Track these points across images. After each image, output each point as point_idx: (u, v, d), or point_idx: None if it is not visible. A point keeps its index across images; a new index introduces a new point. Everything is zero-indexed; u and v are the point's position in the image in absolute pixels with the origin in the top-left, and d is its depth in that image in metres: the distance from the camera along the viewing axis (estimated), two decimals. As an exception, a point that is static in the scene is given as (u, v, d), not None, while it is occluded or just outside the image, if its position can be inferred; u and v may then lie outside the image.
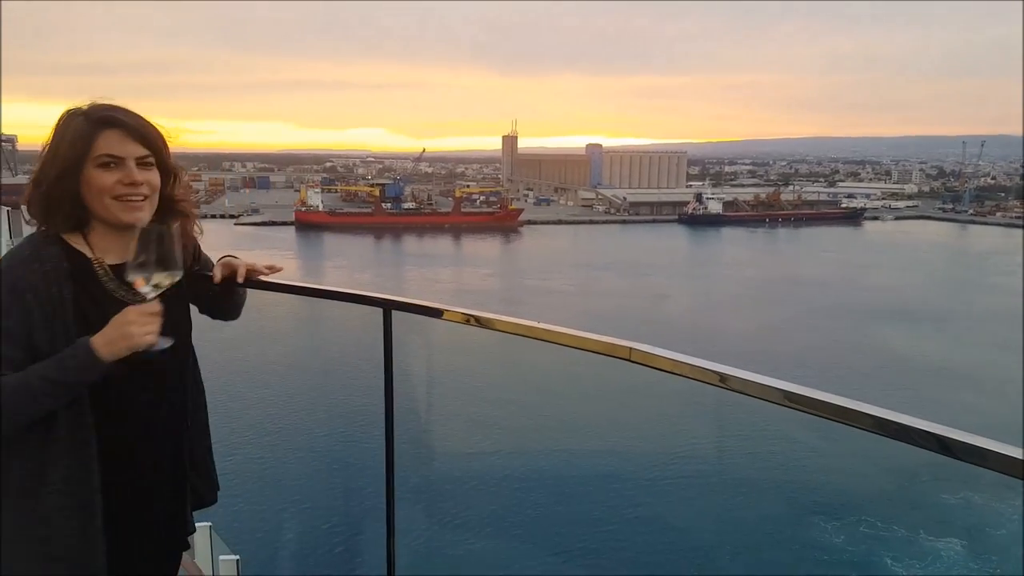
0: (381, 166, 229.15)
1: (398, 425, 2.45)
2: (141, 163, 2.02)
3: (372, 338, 2.53)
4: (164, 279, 1.92)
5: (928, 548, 19.85)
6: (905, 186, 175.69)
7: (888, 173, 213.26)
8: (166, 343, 1.96)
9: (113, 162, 1.98)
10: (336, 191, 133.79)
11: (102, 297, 2.02)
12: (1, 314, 1.89)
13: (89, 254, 2.06)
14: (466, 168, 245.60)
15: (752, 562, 19.32)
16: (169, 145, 2.13)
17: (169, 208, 2.16)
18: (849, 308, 52.91)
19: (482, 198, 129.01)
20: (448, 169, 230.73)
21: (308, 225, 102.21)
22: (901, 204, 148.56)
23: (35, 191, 2.03)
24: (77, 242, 2.06)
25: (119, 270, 2.03)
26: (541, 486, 22.89)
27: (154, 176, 2.06)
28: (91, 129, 1.97)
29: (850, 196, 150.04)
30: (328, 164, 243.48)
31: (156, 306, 1.92)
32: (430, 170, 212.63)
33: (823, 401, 1.45)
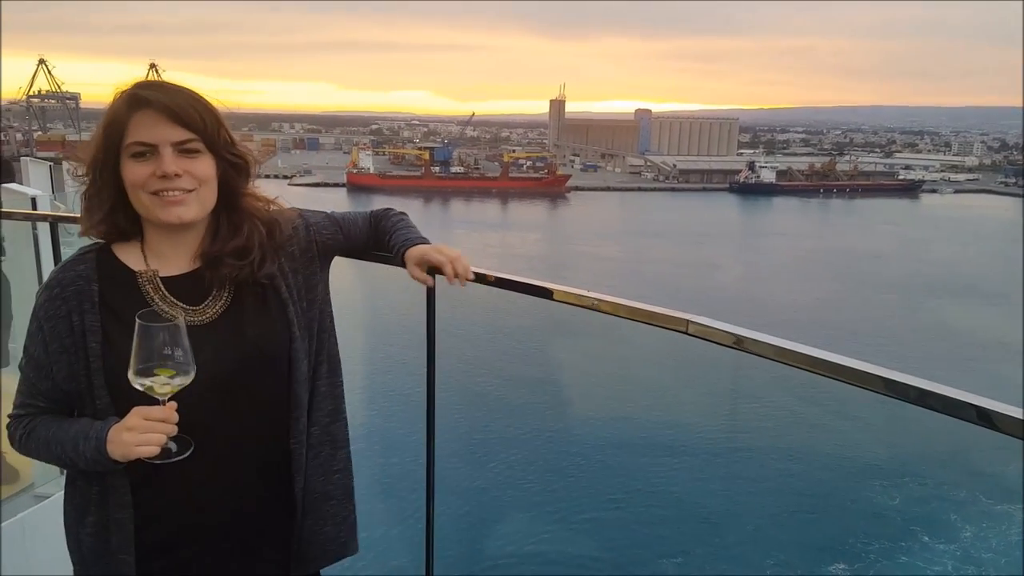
0: (426, 129, 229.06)
1: (439, 392, 2.32)
2: (181, 150, 1.64)
3: (415, 304, 2.33)
4: (166, 386, 1.53)
5: (1000, 512, 19.73)
6: (965, 158, 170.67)
7: (947, 144, 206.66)
8: (178, 450, 1.59)
9: (147, 151, 1.62)
10: (385, 154, 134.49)
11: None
12: (29, 343, 1.72)
13: (139, 266, 1.73)
14: (511, 132, 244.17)
15: (815, 525, 19.72)
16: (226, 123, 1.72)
17: (233, 204, 1.78)
18: (906, 282, 52.35)
19: (529, 163, 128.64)
20: (492, 133, 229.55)
21: (359, 187, 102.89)
22: (961, 177, 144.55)
23: (82, 196, 1.74)
24: (127, 252, 1.75)
25: (178, 282, 1.73)
26: (586, 455, 23.22)
27: (200, 164, 1.67)
28: (125, 112, 1.63)
29: (907, 168, 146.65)
30: (374, 126, 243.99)
31: (163, 411, 1.55)
32: (475, 134, 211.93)
33: (911, 386, 1.40)
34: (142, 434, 1.54)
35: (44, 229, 3.79)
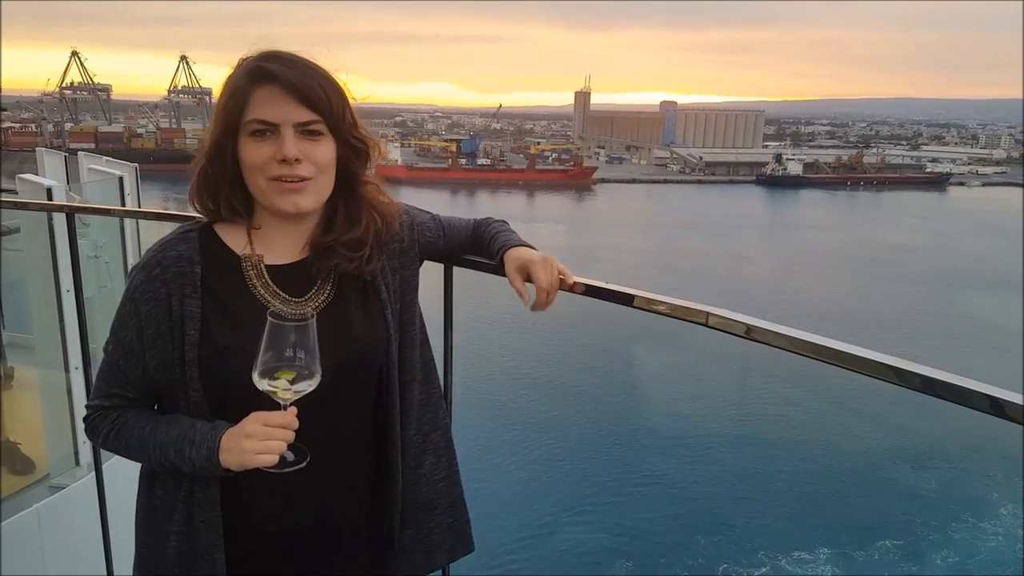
0: (450, 121, 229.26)
1: (456, 380, 2.26)
2: (304, 131, 1.51)
3: (432, 295, 2.28)
4: (290, 391, 1.42)
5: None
6: (993, 151, 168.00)
7: (975, 137, 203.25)
8: (295, 459, 1.48)
9: (267, 130, 1.50)
10: (411, 146, 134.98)
11: (244, 308, 1.57)
12: (119, 326, 1.60)
13: (243, 250, 1.61)
14: (534, 125, 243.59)
15: (855, 504, 20.20)
16: (353, 107, 1.60)
17: (351, 192, 1.66)
18: (936, 275, 52.41)
19: (555, 155, 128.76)
20: (516, 125, 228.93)
21: (386, 179, 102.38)
22: (989, 170, 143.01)
23: (197, 167, 1.61)
24: (231, 233, 1.63)
25: (283, 271, 1.62)
26: (625, 437, 23.32)
27: (321, 149, 1.54)
28: (247, 85, 1.51)
29: (935, 160, 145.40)
30: (398, 118, 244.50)
31: (284, 417, 1.44)
32: (499, 126, 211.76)
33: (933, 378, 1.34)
34: (262, 441, 1.45)
35: (60, 220, 3.68)
